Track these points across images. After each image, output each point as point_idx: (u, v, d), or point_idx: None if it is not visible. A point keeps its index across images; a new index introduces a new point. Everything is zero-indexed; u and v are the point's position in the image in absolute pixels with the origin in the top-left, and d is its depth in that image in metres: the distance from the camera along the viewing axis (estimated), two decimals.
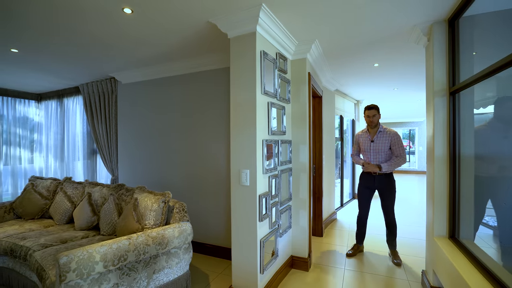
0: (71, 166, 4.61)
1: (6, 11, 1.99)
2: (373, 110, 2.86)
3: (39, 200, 3.09)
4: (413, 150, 12.17)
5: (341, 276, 2.59)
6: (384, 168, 2.74)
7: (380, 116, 2.94)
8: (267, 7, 1.90)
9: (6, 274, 2.38)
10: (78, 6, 1.91)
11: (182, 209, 2.34)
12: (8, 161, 4.60)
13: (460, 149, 2.02)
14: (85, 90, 4.16)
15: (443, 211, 2.10)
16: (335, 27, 2.27)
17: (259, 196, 2.03)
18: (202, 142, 3.17)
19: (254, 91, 2.00)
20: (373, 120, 2.86)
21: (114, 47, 2.72)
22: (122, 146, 3.87)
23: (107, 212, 2.60)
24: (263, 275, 2.12)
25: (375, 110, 2.87)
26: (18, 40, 2.53)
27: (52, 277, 1.77)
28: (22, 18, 2.08)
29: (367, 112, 2.90)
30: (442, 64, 2.13)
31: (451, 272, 1.72)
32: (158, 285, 2.08)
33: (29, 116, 4.93)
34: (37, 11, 1.98)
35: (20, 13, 2.02)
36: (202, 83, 3.17)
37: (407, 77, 3.99)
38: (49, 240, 2.35)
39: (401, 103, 6.75)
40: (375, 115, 2.86)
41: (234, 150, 2.11)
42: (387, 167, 2.75)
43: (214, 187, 3.08)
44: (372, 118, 2.86)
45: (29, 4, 1.88)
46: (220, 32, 2.20)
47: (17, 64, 3.24)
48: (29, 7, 1.93)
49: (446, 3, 1.90)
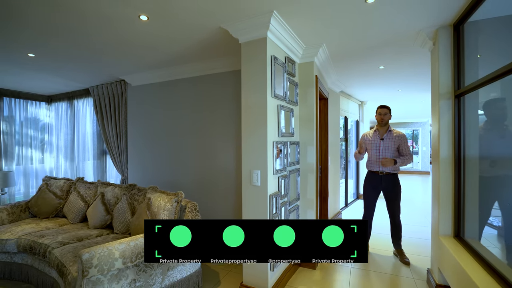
0: (81, 166, 4.71)
1: (24, 17, 2.07)
2: (385, 109, 3.01)
3: (53, 200, 3.19)
4: (417, 150, 12.18)
5: (348, 274, 2.66)
6: (398, 162, 2.88)
7: (391, 117, 3.04)
8: (278, 14, 1.97)
9: (25, 271, 2.48)
10: (96, 14, 2.00)
11: (194, 209, 2.42)
12: (20, 161, 4.71)
13: (465, 151, 2.08)
14: (95, 92, 4.25)
15: (448, 211, 2.16)
16: (343, 31, 2.33)
17: (270, 196, 2.10)
18: (211, 143, 3.25)
19: (265, 95, 2.07)
20: (384, 118, 2.99)
21: (127, 52, 2.80)
22: (132, 146, 3.96)
23: (121, 211, 2.69)
24: (273, 272, 2.19)
25: (387, 109, 3.02)
26: (35, 46, 2.62)
27: (74, 273, 1.86)
28: (39, 24, 2.17)
29: (379, 110, 3.03)
30: (447, 68, 2.18)
31: (457, 270, 1.78)
32: (172, 281, 2.16)
33: (39, 117, 5.05)
34: (56, 18, 2.07)
35: (37, 20, 2.10)
36: (211, 85, 3.25)
37: (412, 78, 4.04)
38: (66, 238, 2.44)
39: (405, 104, 6.78)
40: (386, 114, 3.00)
41: (245, 151, 2.18)
42: (400, 162, 2.89)
43: (223, 187, 3.16)
44: (383, 116, 2.99)
45: (47, 11, 1.96)
46: (231, 37, 2.27)
47: (32, 68, 3.34)
48: (47, 15, 2.01)
49: (451, 9, 1.96)
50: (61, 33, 2.34)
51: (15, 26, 2.20)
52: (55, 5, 1.87)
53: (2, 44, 2.58)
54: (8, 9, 1.93)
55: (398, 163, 2.88)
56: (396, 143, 2.93)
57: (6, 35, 2.37)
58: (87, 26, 2.20)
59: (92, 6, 1.89)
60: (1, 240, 2.47)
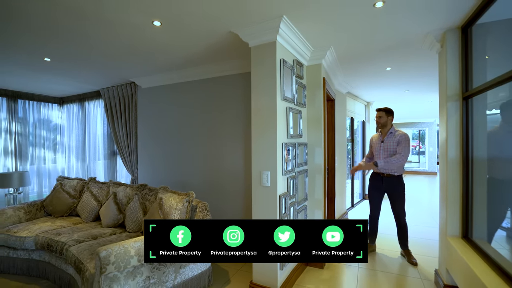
0: (92, 166, 4.83)
1: (43, 24, 2.16)
2: (380, 112, 3.04)
3: (67, 199, 3.29)
4: (423, 150, 12.08)
5: (355, 273, 2.69)
6: (379, 164, 2.87)
7: (391, 118, 3.04)
8: (287, 18, 2.02)
9: (42, 267, 2.57)
10: (111, 20, 2.07)
11: (205, 208, 2.48)
12: (34, 161, 4.85)
13: (473, 152, 2.10)
14: (105, 94, 4.36)
15: (456, 212, 2.18)
16: (351, 35, 2.37)
17: (279, 197, 2.15)
18: (220, 144, 3.31)
19: (275, 97, 2.12)
20: (379, 121, 3.04)
21: (139, 56, 2.88)
22: (142, 147, 4.05)
23: (133, 211, 2.77)
24: (282, 271, 2.24)
25: (382, 112, 3.03)
26: (52, 50, 2.71)
27: (91, 269, 1.93)
28: (57, 30, 2.25)
29: (376, 113, 3.09)
30: (455, 70, 2.20)
31: (466, 271, 1.80)
32: (184, 279, 2.22)
33: (52, 118, 5.18)
34: (73, 24, 2.15)
35: (55, 26, 2.18)
36: (220, 87, 3.31)
37: (419, 79, 4.04)
38: (82, 236, 2.52)
39: (412, 104, 6.75)
40: (381, 117, 3.03)
41: (255, 153, 2.24)
42: (383, 164, 2.86)
43: (232, 188, 3.22)
44: (378, 119, 3.04)
45: (63, 17, 2.04)
46: (241, 41, 2.33)
47: (48, 71, 3.45)
48: (65, 21, 2.09)
49: (460, 12, 1.98)
50: (78, 39, 2.43)
51: (34, 32, 2.29)
52: (73, 12, 1.95)
53: (21, 49, 2.68)
54: (29, 17, 2.02)
55: (380, 164, 2.86)
56: (396, 143, 2.92)
57: (25, 40, 2.46)
58: (102, 32, 2.28)
59: (109, 13, 1.96)
60: (20, 237, 2.58)
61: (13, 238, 2.61)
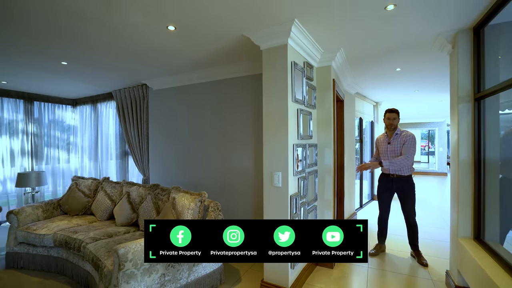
0: (104, 166, 4.95)
1: (60, 29, 2.24)
2: (394, 114, 2.98)
3: (82, 198, 3.39)
4: (433, 150, 11.91)
5: (365, 273, 2.70)
6: (385, 164, 2.86)
7: (399, 120, 3.03)
8: (299, 22, 2.06)
9: (60, 263, 2.67)
10: (127, 25, 2.14)
11: (216, 208, 2.53)
12: (49, 161, 5.00)
13: (485, 153, 2.09)
14: (117, 95, 4.46)
15: (467, 213, 2.18)
16: (361, 37, 2.39)
17: (290, 197, 2.19)
18: (230, 145, 3.36)
19: (286, 99, 2.16)
20: (393, 123, 2.97)
21: (152, 59, 2.96)
22: (153, 148, 4.14)
23: (146, 210, 2.84)
24: (293, 270, 2.27)
25: (396, 113, 2.99)
26: (69, 54, 2.81)
27: (109, 266, 2.00)
28: (74, 35, 2.34)
29: (387, 114, 3.01)
30: (466, 71, 2.20)
31: (477, 272, 1.81)
32: (197, 277, 2.28)
33: (65, 120, 5.33)
34: (89, 30, 2.23)
35: (72, 32, 2.27)
36: (230, 89, 3.36)
37: (429, 80, 4.02)
38: (97, 234, 2.61)
39: (421, 104, 6.69)
40: (395, 118, 2.98)
41: (267, 154, 2.28)
42: (388, 164, 2.86)
43: (242, 188, 3.27)
44: (392, 121, 2.97)
45: (83, 24, 2.12)
46: (252, 44, 2.37)
47: (64, 74, 3.56)
48: (82, 27, 2.17)
49: (471, 14, 1.98)
50: (95, 44, 2.51)
51: (52, 37, 2.38)
52: (94, 19, 2.02)
53: (40, 54, 2.78)
54: (48, 23, 2.10)
55: (385, 165, 2.85)
56: (402, 144, 2.91)
57: (45, 45, 2.56)
58: (117, 37, 2.36)
59: (126, 19, 2.03)
60: (39, 235, 2.68)
61: (33, 235, 2.71)
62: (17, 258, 2.81)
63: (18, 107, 4.61)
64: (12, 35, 2.33)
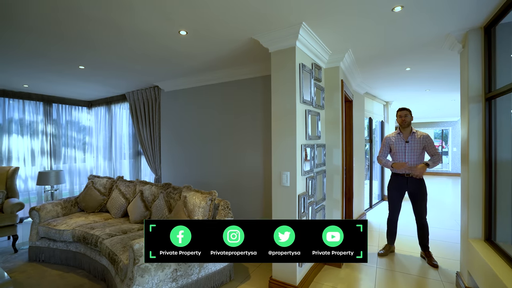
0: (118, 165, 5.12)
1: (77, 31, 2.36)
2: (405, 111, 3.02)
3: (98, 196, 3.53)
4: (446, 150, 11.62)
5: (373, 273, 2.71)
6: (431, 165, 2.88)
7: (412, 118, 3.04)
8: (306, 25, 2.10)
9: (78, 258, 2.80)
10: (141, 31, 2.23)
11: (226, 207, 2.60)
12: (66, 161, 5.22)
13: (496, 153, 2.07)
14: (131, 97, 4.61)
15: (478, 214, 2.16)
16: (369, 38, 2.40)
17: (298, 196, 2.23)
18: (240, 145, 3.43)
19: (294, 101, 2.20)
20: (405, 120, 3.00)
21: (164, 62, 3.06)
22: (165, 148, 4.26)
23: (158, 208, 2.94)
24: (301, 268, 2.31)
25: (407, 111, 3.02)
26: (86, 58, 2.94)
27: (124, 261, 2.10)
28: (92, 41, 2.46)
29: (399, 112, 3.05)
30: (477, 71, 2.18)
31: (488, 274, 1.80)
32: (207, 273, 2.36)
33: (81, 121, 5.54)
34: (107, 35, 2.34)
35: (90, 37, 2.38)
36: (240, 90, 3.43)
37: (440, 79, 3.96)
38: (113, 230, 2.73)
39: (434, 103, 6.56)
40: (407, 115, 3.01)
41: (276, 154, 2.33)
42: (432, 164, 2.88)
43: (251, 188, 3.33)
44: (404, 117, 3.00)
45: (100, 31, 2.23)
46: (261, 46, 2.43)
47: (80, 78, 3.72)
48: (99, 32, 2.28)
49: (482, 13, 1.97)
50: (110, 48, 2.63)
51: (72, 44, 2.50)
52: (107, 27, 2.13)
53: (59, 58, 2.93)
54: (70, 31, 2.22)
55: (431, 165, 2.88)
56: (421, 145, 2.93)
57: (63, 50, 2.69)
58: (132, 42, 2.46)
59: (141, 25, 2.12)
60: (59, 230, 2.82)
61: (53, 230, 2.86)
62: (39, 252, 2.98)
63: (38, 109, 4.84)
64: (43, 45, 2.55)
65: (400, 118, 3.02)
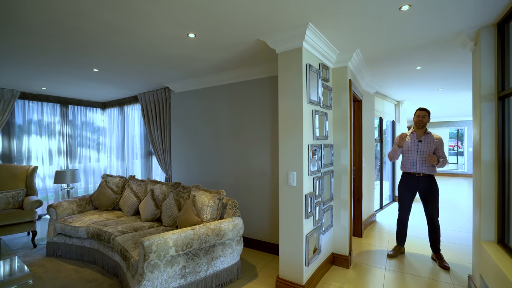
0: (130, 165, 5.26)
1: (95, 38, 2.46)
2: (424, 112, 3.01)
3: (111, 195, 3.65)
4: (462, 151, 11.27)
5: (382, 275, 2.68)
6: (440, 163, 2.90)
7: (429, 120, 3.02)
8: (313, 25, 2.10)
9: (92, 254, 2.91)
10: (152, 35, 2.30)
11: (234, 206, 2.64)
12: (81, 160, 5.41)
13: (510, 154, 2.01)
14: (142, 99, 4.73)
15: (490, 216, 2.10)
16: (377, 37, 2.38)
17: (305, 196, 2.24)
18: (248, 146, 3.47)
19: (301, 101, 2.21)
20: (423, 120, 2.99)
21: (174, 64, 3.13)
22: (175, 148, 4.35)
23: (168, 207, 3.02)
24: (308, 267, 2.32)
25: (426, 112, 3.01)
26: (100, 62, 3.06)
27: (135, 257, 2.18)
28: (105, 45, 2.55)
29: (418, 112, 3.04)
30: (490, 69, 2.12)
31: (500, 277, 1.75)
32: (215, 270, 2.40)
33: (95, 121, 5.73)
34: (118, 40, 2.42)
35: (104, 42, 2.48)
36: (248, 91, 3.47)
37: (453, 77, 3.86)
38: (125, 228, 2.82)
39: (448, 102, 6.38)
40: (425, 116, 3.00)
41: (282, 154, 2.35)
42: (440, 164, 2.91)
43: (259, 187, 3.36)
44: (422, 118, 3.00)
45: (112, 34, 2.32)
46: (268, 47, 2.45)
47: (94, 80, 3.86)
48: (115, 37, 2.37)
49: (494, 10, 1.92)
50: (123, 52, 2.72)
51: (87, 48, 2.61)
52: (121, 32, 2.21)
53: (75, 62, 3.06)
54: (85, 37, 2.32)
55: (440, 163, 2.91)
56: (434, 146, 2.94)
57: (79, 54, 2.81)
58: (144, 45, 2.54)
59: (152, 29, 2.19)
60: (75, 227, 2.94)
61: (69, 227, 2.99)
62: (56, 247, 3.11)
63: (55, 111, 5.05)
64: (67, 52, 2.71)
65: (418, 117, 3.01)
